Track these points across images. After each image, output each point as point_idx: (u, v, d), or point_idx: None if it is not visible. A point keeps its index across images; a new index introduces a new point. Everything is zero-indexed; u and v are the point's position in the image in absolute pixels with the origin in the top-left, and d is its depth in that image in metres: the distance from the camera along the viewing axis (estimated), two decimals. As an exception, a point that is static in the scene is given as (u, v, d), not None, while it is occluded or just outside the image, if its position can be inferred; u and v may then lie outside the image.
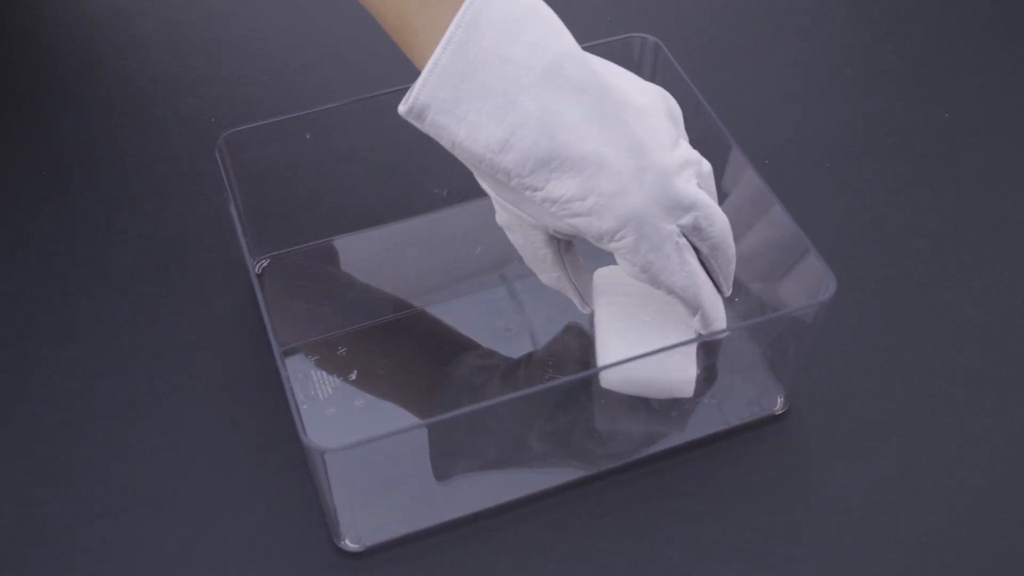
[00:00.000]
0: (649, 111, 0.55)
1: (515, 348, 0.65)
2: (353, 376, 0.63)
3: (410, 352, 0.65)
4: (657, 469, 0.60)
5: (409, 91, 0.53)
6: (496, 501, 0.59)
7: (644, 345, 0.58)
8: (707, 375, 0.62)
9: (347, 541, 0.57)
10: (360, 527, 0.57)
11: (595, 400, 0.62)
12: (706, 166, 0.58)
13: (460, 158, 0.55)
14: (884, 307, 0.67)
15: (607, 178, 0.53)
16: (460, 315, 0.66)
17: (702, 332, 0.58)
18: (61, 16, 0.85)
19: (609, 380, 0.61)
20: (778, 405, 0.62)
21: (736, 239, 0.58)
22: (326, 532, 0.58)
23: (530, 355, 0.64)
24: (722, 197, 0.64)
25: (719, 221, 0.56)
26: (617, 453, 0.61)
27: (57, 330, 0.66)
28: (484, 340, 0.65)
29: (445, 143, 0.54)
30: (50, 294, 0.68)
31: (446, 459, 0.59)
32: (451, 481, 0.59)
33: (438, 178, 0.70)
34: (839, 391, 0.63)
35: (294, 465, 0.59)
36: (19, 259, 0.69)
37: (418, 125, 0.54)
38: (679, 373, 0.60)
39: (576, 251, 0.61)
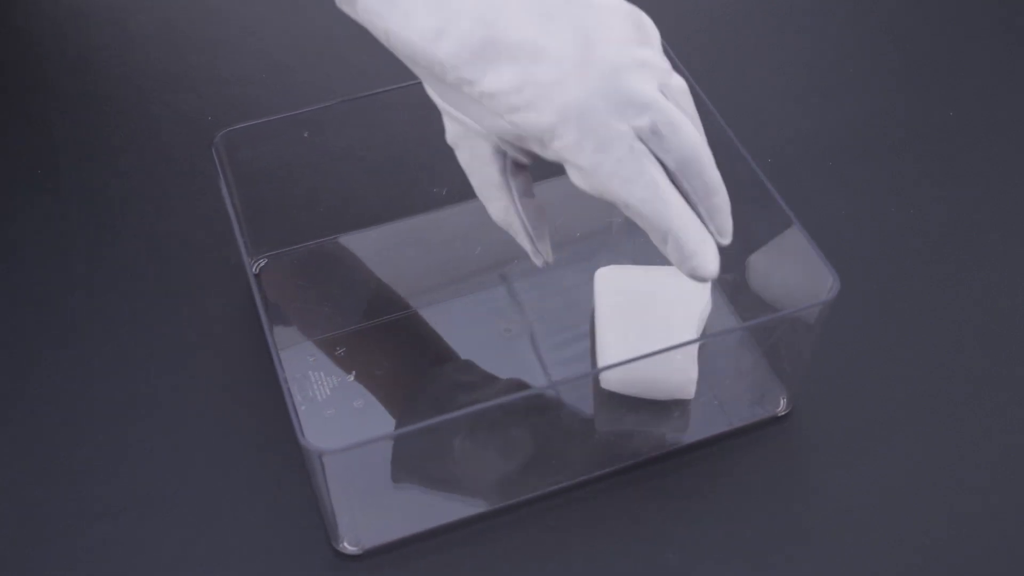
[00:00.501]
0: (606, 10, 0.51)
1: (515, 348, 0.64)
2: (352, 377, 0.63)
3: (409, 352, 0.64)
4: (658, 471, 0.60)
5: None
6: (496, 503, 0.58)
7: (645, 345, 0.58)
8: (709, 376, 0.61)
9: (345, 543, 0.57)
10: (359, 529, 0.57)
11: (596, 401, 0.61)
12: (677, 80, 0.51)
13: (395, 52, 0.52)
14: (887, 307, 0.67)
15: (545, 67, 0.49)
16: (460, 315, 0.66)
17: (680, 268, 0.50)
18: (56, 13, 0.85)
19: (609, 381, 0.60)
20: (780, 406, 0.62)
21: (738, 238, 0.57)
22: (324, 534, 0.57)
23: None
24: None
25: (686, 131, 0.49)
26: (618, 454, 0.61)
27: (53, 331, 0.66)
28: (484, 340, 0.65)
29: (379, 33, 0.52)
30: (46, 295, 0.67)
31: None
32: (449, 483, 0.59)
33: (437, 177, 0.70)
34: (842, 392, 0.63)
35: (292, 466, 0.59)
36: (15, 259, 0.69)
37: (351, 13, 0.52)
38: (680, 374, 0.60)
39: (529, 180, 0.56)
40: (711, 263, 0.50)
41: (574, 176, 0.51)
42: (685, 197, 0.50)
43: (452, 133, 0.56)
